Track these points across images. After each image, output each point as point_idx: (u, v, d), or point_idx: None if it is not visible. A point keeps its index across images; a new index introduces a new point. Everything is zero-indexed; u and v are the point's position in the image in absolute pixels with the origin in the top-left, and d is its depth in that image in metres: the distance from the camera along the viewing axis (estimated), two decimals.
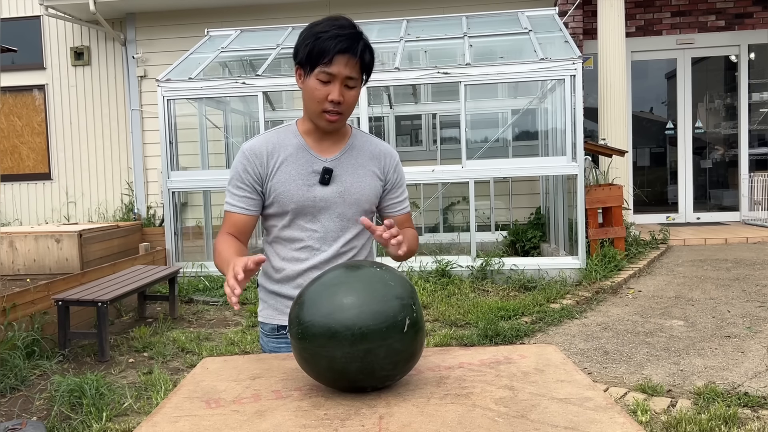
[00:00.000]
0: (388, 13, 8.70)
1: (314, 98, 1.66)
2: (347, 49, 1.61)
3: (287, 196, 1.73)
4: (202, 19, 9.06)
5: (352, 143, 1.80)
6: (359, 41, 1.64)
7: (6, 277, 6.32)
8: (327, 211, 1.75)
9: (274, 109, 8.79)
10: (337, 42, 1.60)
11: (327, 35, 1.61)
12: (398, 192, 1.87)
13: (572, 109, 6.05)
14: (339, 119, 1.69)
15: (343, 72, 1.63)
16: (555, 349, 1.61)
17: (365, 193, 1.78)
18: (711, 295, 5.25)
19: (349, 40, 1.62)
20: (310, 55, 1.63)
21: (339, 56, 1.61)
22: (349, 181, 1.76)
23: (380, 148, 1.84)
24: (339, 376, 1.30)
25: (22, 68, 9.62)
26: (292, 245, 1.78)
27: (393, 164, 1.84)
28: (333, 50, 1.60)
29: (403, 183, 1.88)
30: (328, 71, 1.62)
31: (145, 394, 3.64)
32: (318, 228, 1.76)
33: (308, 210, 1.74)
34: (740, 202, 8.64)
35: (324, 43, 1.60)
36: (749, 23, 8.51)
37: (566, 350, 4.19)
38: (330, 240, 1.77)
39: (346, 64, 1.62)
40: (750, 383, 3.48)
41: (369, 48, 1.68)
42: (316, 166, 1.74)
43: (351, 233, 1.79)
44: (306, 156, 1.75)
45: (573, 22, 8.05)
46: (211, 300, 5.93)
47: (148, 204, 9.42)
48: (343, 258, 1.79)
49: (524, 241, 7.31)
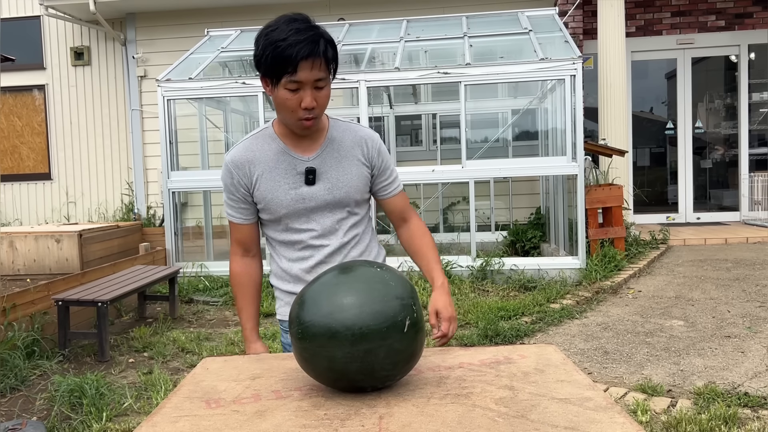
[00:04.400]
0: (388, 13, 8.70)
1: (287, 108, 1.63)
2: (310, 54, 1.55)
3: (276, 202, 1.73)
4: (202, 19, 9.06)
5: (331, 135, 1.77)
6: (319, 40, 1.57)
7: (6, 277, 6.32)
8: (319, 210, 1.75)
9: (274, 109, 8.78)
10: (299, 49, 1.54)
11: (286, 43, 1.54)
12: (387, 174, 1.84)
13: (572, 109, 6.05)
14: (314, 122, 1.67)
15: (310, 77, 1.58)
16: (555, 349, 1.61)
17: (353, 183, 1.76)
18: (711, 295, 5.25)
19: (309, 43, 1.55)
20: (273, 67, 1.57)
21: (303, 62, 1.55)
22: (335, 176, 1.75)
23: (360, 133, 1.81)
24: (339, 376, 1.30)
25: (22, 68, 9.61)
26: (294, 247, 1.79)
27: (376, 147, 1.81)
28: (296, 58, 1.54)
29: (390, 164, 1.85)
30: (295, 80, 1.57)
31: (145, 394, 3.64)
32: (314, 227, 1.76)
33: (300, 212, 1.75)
34: (740, 202, 8.64)
35: (285, 51, 1.54)
36: (749, 23, 8.50)
37: (566, 350, 4.19)
38: (329, 235, 1.77)
39: (311, 68, 1.57)
40: (750, 383, 3.48)
41: (330, 42, 1.61)
42: (299, 167, 1.73)
43: (349, 223, 1.79)
44: (287, 159, 1.73)
45: (573, 22, 8.05)
46: (211, 300, 5.93)
47: (148, 204, 9.42)
48: (348, 248, 1.80)
49: (524, 241, 7.31)
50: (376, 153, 1.81)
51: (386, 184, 1.84)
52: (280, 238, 1.80)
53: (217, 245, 7.72)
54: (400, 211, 1.87)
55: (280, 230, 1.79)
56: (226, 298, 5.89)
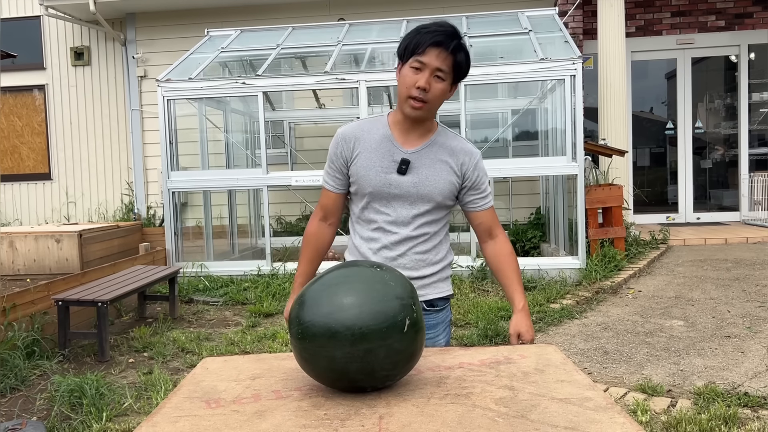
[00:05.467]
0: (388, 13, 8.70)
1: (404, 83, 1.79)
2: (440, 43, 1.74)
3: (366, 180, 1.87)
4: (202, 19, 9.06)
5: (435, 139, 1.90)
6: (454, 39, 1.76)
7: (6, 277, 6.32)
8: (400, 198, 1.87)
9: (274, 109, 8.79)
10: (433, 36, 1.74)
11: (426, 30, 1.76)
12: (480, 189, 1.96)
13: (572, 109, 6.05)
14: (423, 107, 1.79)
15: (434, 63, 1.74)
16: (555, 349, 1.61)
17: (438, 186, 1.87)
18: (711, 295, 5.25)
19: (444, 35, 1.75)
20: (407, 47, 1.77)
21: (431, 48, 1.74)
22: (425, 174, 1.87)
23: (461, 145, 1.93)
24: (339, 376, 1.30)
25: (22, 68, 9.62)
26: (369, 226, 1.92)
27: (473, 163, 1.93)
28: (427, 42, 1.74)
29: (484, 181, 1.97)
30: (420, 59, 1.75)
31: (145, 394, 3.64)
32: (390, 212, 1.88)
33: (383, 195, 1.88)
34: (740, 202, 8.64)
35: (422, 36, 1.75)
36: (749, 23, 8.50)
37: (566, 350, 4.19)
38: (401, 224, 1.89)
39: (437, 56, 1.74)
40: (750, 383, 3.48)
41: (464, 49, 1.79)
42: (396, 156, 1.87)
43: (422, 220, 1.90)
44: (388, 146, 1.87)
45: (573, 22, 8.05)
46: (211, 300, 5.93)
47: (148, 204, 9.42)
48: (414, 240, 1.90)
49: (524, 241, 7.31)
50: (472, 167, 1.93)
51: (477, 198, 1.96)
52: (360, 215, 1.94)
53: (217, 245, 7.72)
54: (488, 226, 1.98)
55: (361, 207, 1.93)
56: (226, 298, 5.89)
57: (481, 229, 1.99)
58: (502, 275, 1.96)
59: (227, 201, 8.03)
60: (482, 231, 1.99)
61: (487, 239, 1.99)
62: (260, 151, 6.75)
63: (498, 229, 1.99)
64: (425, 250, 1.92)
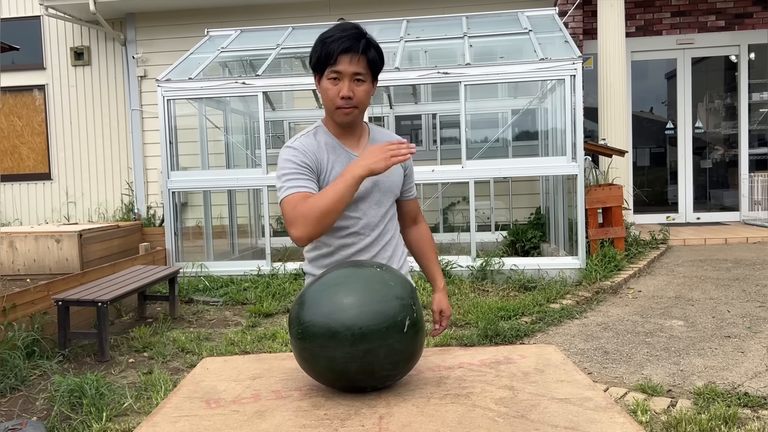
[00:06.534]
0: (388, 13, 8.70)
1: (328, 97, 1.82)
2: (349, 48, 1.76)
3: None
4: (202, 19, 9.06)
5: (373, 137, 1.96)
6: (361, 40, 1.78)
7: (6, 277, 6.33)
8: (365, 200, 1.89)
9: (274, 109, 8.79)
10: (340, 43, 1.76)
11: (331, 39, 1.77)
12: (412, 178, 2.06)
13: (572, 109, 6.05)
14: (353, 111, 1.82)
15: (349, 69, 1.77)
16: (555, 349, 1.61)
17: (394, 180, 1.94)
18: (711, 295, 5.25)
19: (351, 39, 1.77)
20: (318, 60, 1.80)
21: (342, 55, 1.76)
22: None
23: (396, 139, 1.98)
24: (339, 376, 1.30)
25: (22, 68, 9.62)
26: (340, 233, 1.89)
27: None
28: (336, 51, 1.76)
29: (413, 170, 2.07)
30: (335, 70, 1.77)
31: (145, 394, 3.64)
32: (360, 215, 1.89)
33: (354, 199, 1.88)
34: (740, 202, 8.64)
35: (329, 46, 1.77)
36: (749, 23, 8.51)
37: (566, 350, 4.19)
38: (372, 225, 1.91)
39: (350, 62, 1.77)
40: (750, 383, 3.48)
41: (373, 45, 1.82)
42: (352, 160, 1.88)
43: (386, 218, 1.95)
44: (342, 152, 1.89)
45: (573, 22, 8.05)
46: (211, 300, 5.93)
47: (148, 204, 9.42)
48: (382, 242, 1.93)
49: (524, 241, 7.30)
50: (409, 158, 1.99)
51: (410, 187, 2.05)
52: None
53: (217, 245, 7.72)
54: (415, 214, 2.10)
55: None
56: (226, 298, 5.89)
57: (410, 217, 2.10)
58: (425, 257, 2.10)
59: (227, 201, 8.03)
60: (410, 218, 2.10)
61: (411, 225, 2.11)
62: (260, 151, 6.75)
63: (421, 216, 2.14)
64: (394, 249, 1.97)
